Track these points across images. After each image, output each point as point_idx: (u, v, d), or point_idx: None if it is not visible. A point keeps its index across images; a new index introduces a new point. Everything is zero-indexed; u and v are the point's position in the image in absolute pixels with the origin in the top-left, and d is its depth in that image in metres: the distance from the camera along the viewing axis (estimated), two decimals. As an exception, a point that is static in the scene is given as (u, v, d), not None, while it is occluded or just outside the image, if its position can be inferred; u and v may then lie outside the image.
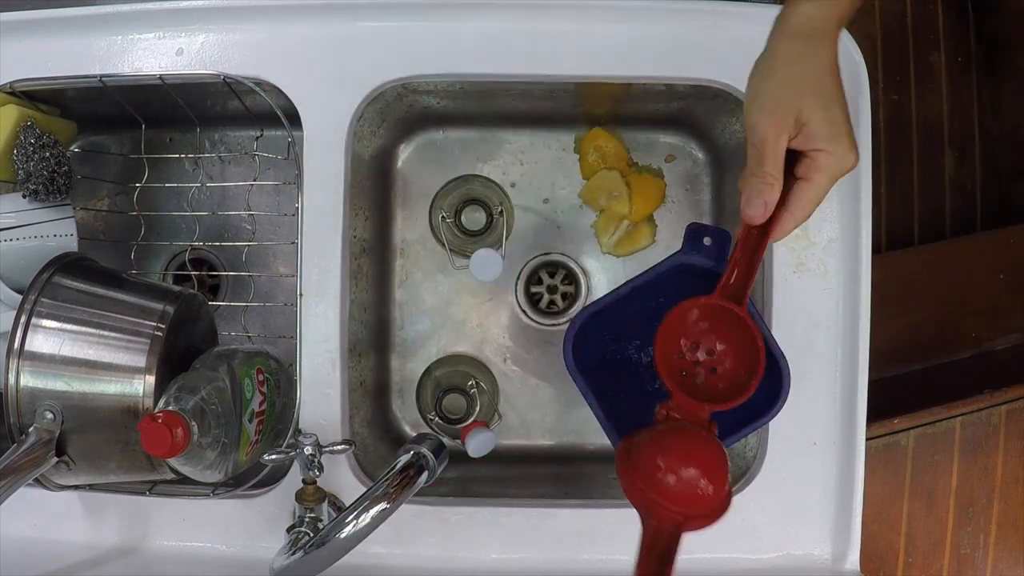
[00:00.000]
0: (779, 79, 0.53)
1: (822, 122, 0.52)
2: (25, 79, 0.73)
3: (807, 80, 0.53)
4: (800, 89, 0.53)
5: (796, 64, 0.53)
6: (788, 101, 0.52)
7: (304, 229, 0.72)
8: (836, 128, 0.53)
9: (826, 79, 0.53)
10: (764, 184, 0.54)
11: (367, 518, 0.58)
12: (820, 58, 0.53)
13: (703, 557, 0.72)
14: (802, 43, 0.53)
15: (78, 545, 0.73)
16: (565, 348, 0.65)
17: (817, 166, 0.54)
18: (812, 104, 0.52)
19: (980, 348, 1.32)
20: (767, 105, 0.53)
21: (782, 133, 0.53)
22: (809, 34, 0.53)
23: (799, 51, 0.53)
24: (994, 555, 1.17)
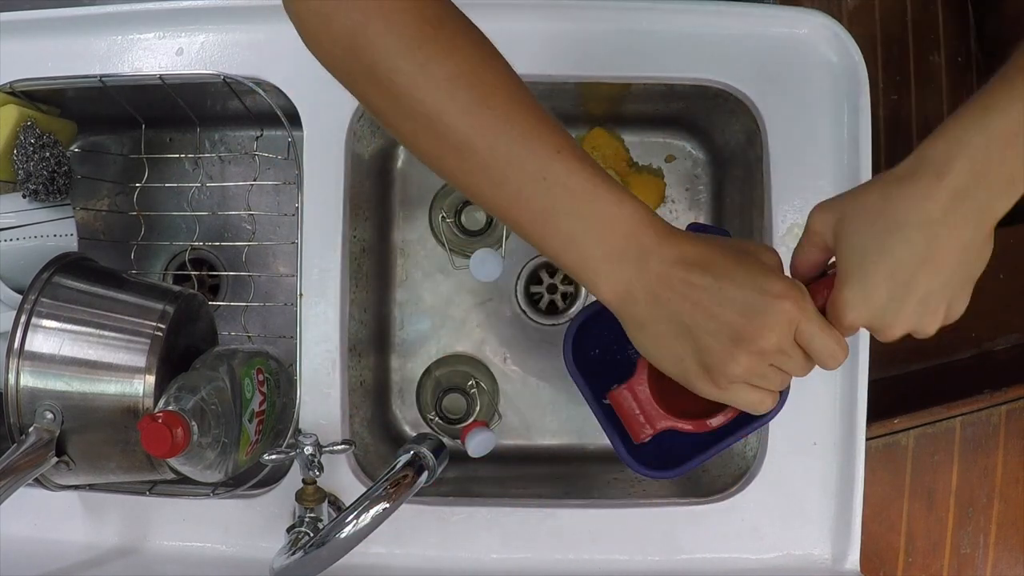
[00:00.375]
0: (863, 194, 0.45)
1: (845, 254, 0.44)
2: (25, 79, 0.73)
3: (867, 207, 0.44)
4: (852, 207, 0.45)
5: (876, 188, 0.44)
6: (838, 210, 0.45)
7: (304, 229, 0.72)
8: (851, 271, 0.44)
9: (891, 223, 0.43)
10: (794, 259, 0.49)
11: (367, 518, 0.58)
12: (904, 199, 0.42)
13: (703, 557, 0.72)
14: (903, 179, 0.43)
15: (78, 545, 0.73)
16: (565, 348, 0.65)
17: (832, 299, 0.46)
18: (851, 228, 0.44)
19: (980, 348, 1.31)
20: (829, 203, 0.46)
21: (817, 234, 0.46)
22: (911, 167, 0.44)
23: (890, 180, 0.44)
24: (994, 555, 1.17)
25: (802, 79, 0.72)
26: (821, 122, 0.72)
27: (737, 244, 0.47)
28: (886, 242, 0.43)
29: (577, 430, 0.89)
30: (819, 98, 0.72)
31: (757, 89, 0.72)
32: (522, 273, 0.89)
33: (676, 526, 0.72)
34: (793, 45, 0.72)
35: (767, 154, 0.71)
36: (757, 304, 0.43)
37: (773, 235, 0.71)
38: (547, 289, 0.90)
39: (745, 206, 0.80)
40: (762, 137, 0.72)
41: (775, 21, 0.72)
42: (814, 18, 0.71)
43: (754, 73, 0.72)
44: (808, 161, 0.72)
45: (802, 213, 0.72)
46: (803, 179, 0.72)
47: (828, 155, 0.72)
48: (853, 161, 0.71)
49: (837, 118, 0.72)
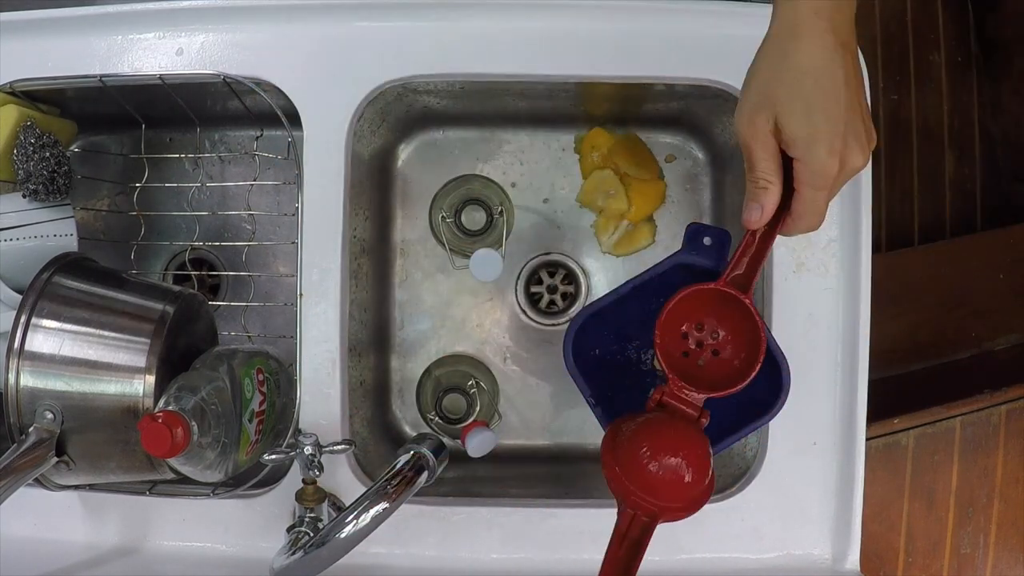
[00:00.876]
0: (759, 81, 0.52)
1: (795, 128, 0.50)
2: (25, 79, 0.73)
3: (784, 83, 0.50)
4: (776, 92, 0.50)
5: (776, 64, 0.51)
6: (765, 105, 0.51)
7: (304, 229, 0.72)
8: (810, 136, 0.50)
9: (807, 80, 0.49)
10: (757, 188, 0.53)
11: (367, 518, 0.58)
12: (803, 57, 0.49)
13: (703, 557, 0.72)
14: (785, 40, 0.50)
15: (78, 545, 0.73)
16: (565, 348, 0.65)
17: (797, 175, 0.52)
18: (787, 109, 0.50)
19: (980, 348, 1.31)
20: (746, 110, 0.52)
21: (758, 138, 0.51)
22: (791, 30, 0.50)
23: (780, 49, 0.51)
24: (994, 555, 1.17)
25: (802, 79, 0.72)
26: (821, 122, 0.72)
27: None
28: (816, 96, 0.50)
29: (577, 430, 0.89)
30: (819, 98, 0.72)
31: (757, 89, 0.72)
32: (522, 273, 0.89)
33: (676, 526, 0.71)
34: (793, 45, 0.72)
35: (767, 154, 0.71)
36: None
37: (773, 235, 0.71)
38: (547, 289, 0.90)
39: (745, 206, 0.80)
40: (762, 137, 0.71)
41: (775, 21, 0.72)
42: (814, 18, 0.71)
43: (754, 73, 0.72)
44: (808, 161, 0.71)
45: (802, 213, 0.72)
46: (803, 179, 0.71)
47: (828, 155, 0.72)
48: (853, 161, 0.71)
49: (837, 118, 0.72)
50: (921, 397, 1.18)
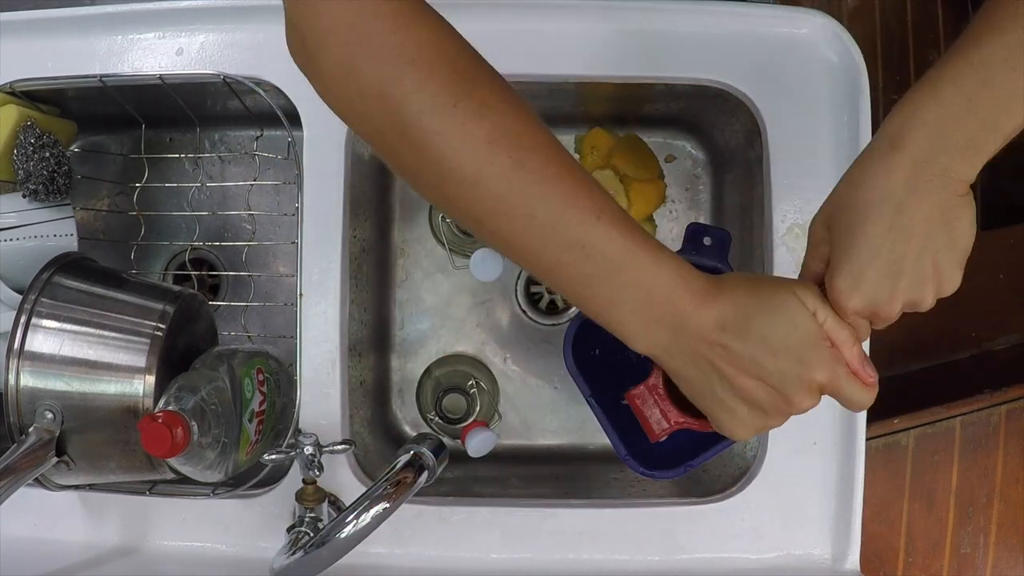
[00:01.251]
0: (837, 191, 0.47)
1: (833, 249, 0.46)
2: (25, 79, 0.73)
3: (848, 197, 0.46)
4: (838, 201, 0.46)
5: (852, 181, 0.46)
6: (826, 218, 0.47)
7: (304, 229, 0.72)
8: (838, 261, 0.46)
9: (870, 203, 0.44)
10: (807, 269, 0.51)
11: (367, 518, 0.58)
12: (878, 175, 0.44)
13: (703, 557, 0.72)
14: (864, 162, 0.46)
15: (78, 545, 0.73)
16: (565, 348, 0.65)
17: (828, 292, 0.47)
18: (838, 223, 0.46)
19: (980, 348, 1.31)
20: (819, 211, 0.48)
21: (819, 243, 0.48)
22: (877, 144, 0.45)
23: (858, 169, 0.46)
24: (994, 555, 1.17)
25: (802, 79, 0.72)
26: (821, 122, 0.72)
27: (773, 289, 0.46)
28: (861, 223, 0.45)
29: (577, 430, 0.89)
30: (819, 98, 0.72)
31: (757, 89, 0.72)
32: (522, 273, 0.89)
33: (676, 526, 0.72)
34: (793, 45, 0.72)
35: (767, 154, 0.71)
36: (793, 376, 0.45)
37: (773, 235, 0.71)
38: (547, 289, 0.90)
39: (745, 206, 0.80)
40: (762, 137, 0.72)
41: (775, 21, 0.72)
42: (814, 18, 0.71)
43: (754, 73, 0.72)
44: (808, 161, 0.72)
45: (802, 213, 0.72)
46: (803, 179, 0.72)
47: (828, 155, 0.72)
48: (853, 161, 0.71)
49: (837, 118, 0.72)
50: (921, 397, 1.18)
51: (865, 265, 0.45)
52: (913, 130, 0.43)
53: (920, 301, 0.46)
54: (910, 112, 0.44)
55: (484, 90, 0.43)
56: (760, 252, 0.74)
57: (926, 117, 0.43)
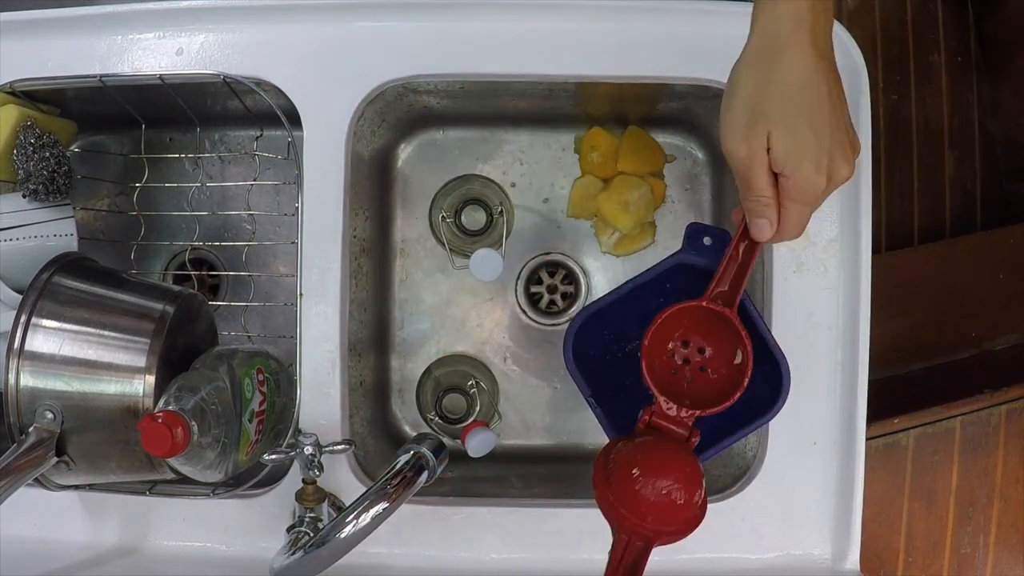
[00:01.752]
0: (747, 96, 0.51)
1: (784, 145, 0.50)
2: (25, 79, 0.73)
3: (773, 99, 0.50)
4: (765, 110, 0.50)
5: (763, 79, 0.50)
6: (758, 122, 0.50)
7: (304, 229, 0.72)
8: (799, 151, 0.50)
9: (795, 95, 0.49)
10: (759, 206, 0.53)
11: (367, 518, 0.58)
12: (789, 71, 0.49)
13: (703, 557, 0.72)
14: (769, 53, 0.50)
15: (78, 545, 0.73)
16: (565, 348, 0.65)
17: (783, 191, 0.52)
18: (777, 126, 0.50)
19: (980, 348, 1.31)
20: (739, 126, 0.51)
21: (756, 157, 0.51)
22: (774, 43, 0.50)
23: (765, 63, 0.50)
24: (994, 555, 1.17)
25: (802, 79, 0.72)
26: (821, 122, 0.72)
27: None
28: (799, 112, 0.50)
29: (577, 430, 0.89)
30: (819, 98, 0.72)
31: (757, 89, 0.72)
32: (522, 273, 0.89)
33: (676, 526, 0.72)
34: (793, 45, 0.72)
35: (767, 154, 0.71)
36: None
37: (773, 235, 0.71)
38: (547, 289, 0.90)
39: (745, 206, 0.80)
40: (762, 137, 0.71)
41: (775, 21, 0.72)
42: (814, 18, 0.71)
43: (754, 73, 0.72)
44: (808, 161, 0.71)
45: (802, 213, 0.72)
46: (803, 179, 0.71)
47: (828, 155, 0.72)
48: (853, 161, 0.71)
49: (837, 118, 0.72)
50: (921, 397, 1.18)
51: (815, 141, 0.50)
52: (803, 14, 0.49)
53: (849, 159, 0.52)
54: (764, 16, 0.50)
55: None
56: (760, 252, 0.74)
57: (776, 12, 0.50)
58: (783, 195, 0.52)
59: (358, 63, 0.72)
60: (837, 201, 0.72)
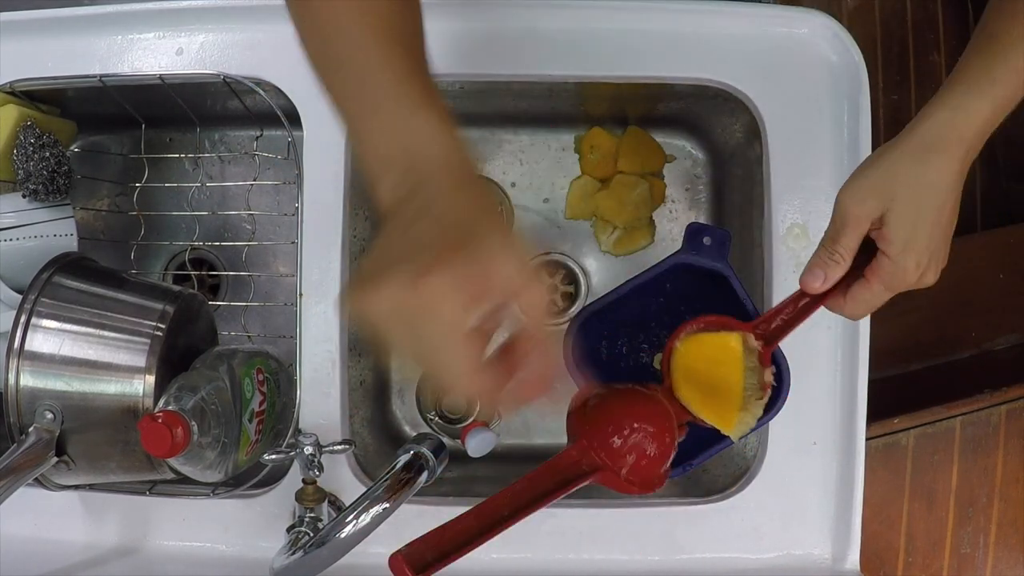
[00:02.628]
0: (886, 171, 0.52)
1: (901, 229, 0.51)
2: (25, 79, 0.73)
3: (909, 186, 0.51)
4: (897, 190, 0.51)
5: (908, 166, 0.51)
6: (882, 196, 0.51)
7: (304, 229, 0.72)
8: (912, 242, 0.51)
9: (930, 194, 0.51)
10: (831, 261, 0.53)
11: (367, 518, 0.58)
12: (935, 174, 0.50)
13: (703, 557, 0.72)
14: (926, 150, 0.51)
15: (78, 545, 0.73)
16: (565, 348, 0.65)
17: (877, 268, 0.53)
18: (903, 210, 0.51)
19: (980, 348, 1.31)
20: (861, 188, 0.52)
21: (861, 219, 0.52)
22: (935, 143, 0.50)
23: (918, 155, 0.51)
24: (994, 555, 1.17)
25: (802, 79, 0.72)
26: (821, 122, 0.72)
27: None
28: (936, 209, 0.51)
29: (577, 430, 0.89)
30: (819, 98, 0.72)
31: (757, 89, 0.72)
32: (522, 273, 0.89)
33: (676, 526, 0.72)
34: (793, 45, 0.72)
35: (767, 154, 0.71)
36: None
37: (773, 234, 0.71)
38: (547, 289, 0.90)
39: (745, 206, 0.80)
40: (762, 137, 0.72)
41: (775, 21, 0.72)
42: (814, 18, 0.71)
43: (754, 73, 0.72)
44: (808, 161, 0.72)
45: (802, 213, 0.72)
46: (803, 179, 0.72)
47: (828, 155, 0.72)
48: (853, 161, 0.71)
49: (837, 118, 0.72)
50: (921, 397, 1.18)
51: (927, 243, 0.51)
52: (973, 127, 0.50)
53: (931, 279, 0.53)
54: (974, 110, 0.50)
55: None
56: (760, 252, 0.74)
57: (982, 113, 0.50)
58: (872, 270, 0.53)
59: (358, 63, 0.72)
60: (837, 201, 0.72)
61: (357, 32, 0.43)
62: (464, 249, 0.36)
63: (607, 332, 0.69)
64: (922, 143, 0.51)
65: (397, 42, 0.44)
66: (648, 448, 0.51)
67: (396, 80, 0.42)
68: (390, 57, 0.43)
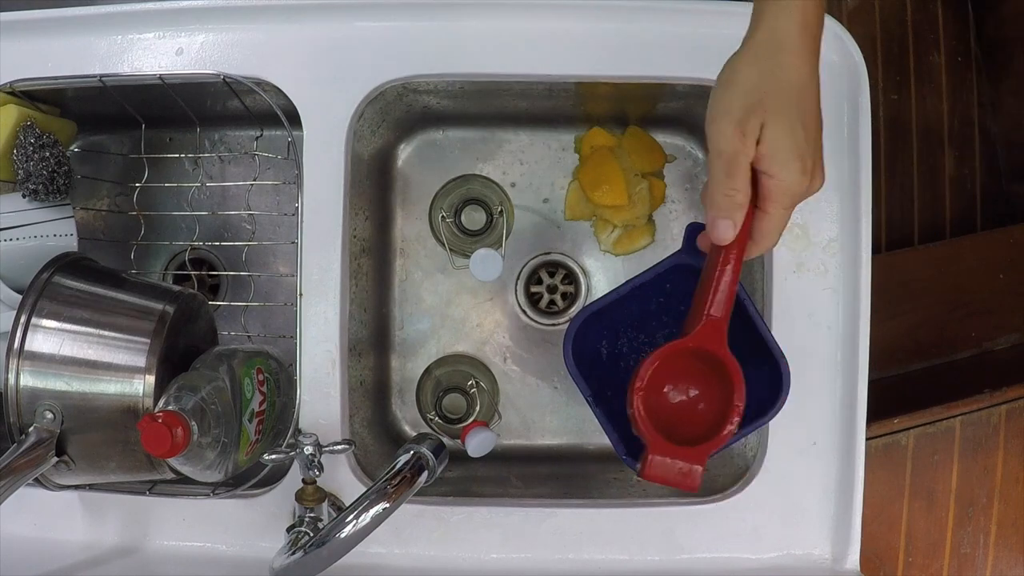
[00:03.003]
0: (747, 86, 0.49)
1: (779, 141, 0.48)
2: (25, 79, 0.73)
3: (773, 94, 0.48)
4: (765, 102, 0.48)
5: (766, 73, 0.49)
6: (756, 111, 0.48)
7: (304, 229, 0.72)
8: (791, 151, 0.48)
9: (795, 94, 0.49)
10: (732, 202, 0.50)
11: (367, 518, 0.58)
12: (792, 71, 0.49)
13: (703, 557, 0.72)
14: (774, 50, 0.49)
15: (78, 545, 0.73)
16: (565, 348, 0.65)
17: (766, 193, 0.50)
18: (775, 120, 0.48)
19: (980, 348, 1.32)
20: (733, 111, 0.49)
21: (748, 143, 0.48)
22: (780, 41, 0.49)
23: (769, 58, 0.49)
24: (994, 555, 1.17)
25: (802, 79, 0.72)
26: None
27: None
28: (799, 112, 0.49)
29: (577, 430, 0.89)
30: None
31: (757, 89, 0.72)
32: (522, 273, 0.89)
33: (676, 526, 0.72)
34: (793, 45, 0.72)
35: (767, 154, 0.71)
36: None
37: (773, 235, 0.71)
38: (547, 289, 0.90)
39: (745, 206, 0.80)
40: (762, 137, 0.71)
41: (775, 21, 0.72)
42: (814, 18, 0.71)
43: (754, 73, 0.72)
44: (808, 161, 0.72)
45: (802, 213, 0.72)
46: (803, 179, 0.71)
47: (828, 155, 0.70)
48: (853, 160, 0.71)
49: (837, 118, 0.72)
50: (921, 397, 1.18)
51: (807, 145, 0.49)
52: (811, 16, 0.49)
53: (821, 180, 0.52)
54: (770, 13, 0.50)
55: None
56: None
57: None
58: (765, 198, 0.50)
59: (358, 63, 0.72)
60: (837, 201, 0.72)
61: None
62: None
63: (607, 332, 0.69)
64: (766, 44, 0.50)
65: None
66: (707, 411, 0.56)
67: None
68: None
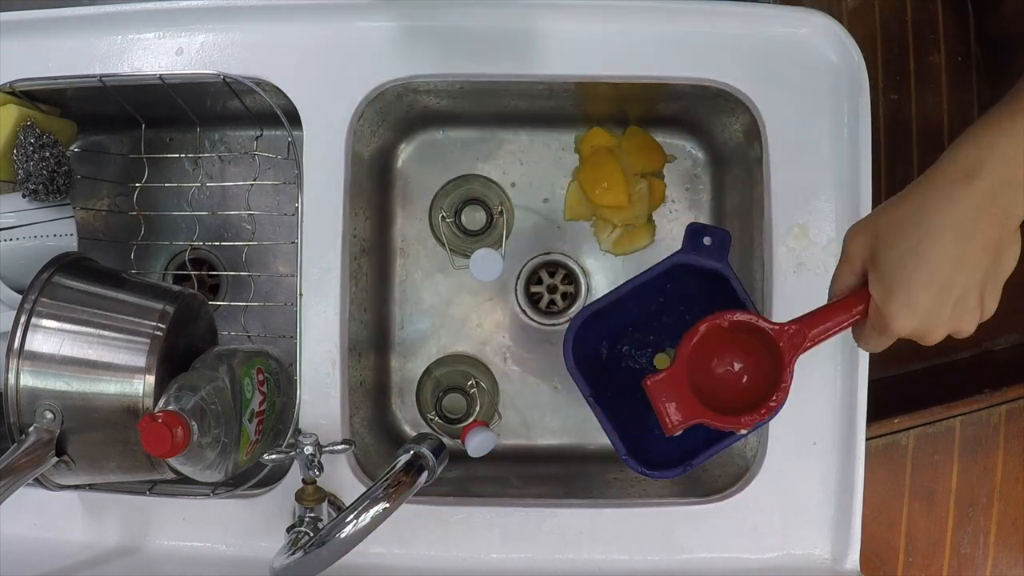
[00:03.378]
0: (884, 207, 0.49)
1: (885, 269, 0.47)
2: (25, 79, 0.73)
3: (899, 224, 0.47)
4: (882, 229, 0.48)
5: (906, 202, 0.47)
6: (871, 232, 0.48)
7: (304, 229, 0.72)
8: (900, 285, 0.47)
9: (922, 233, 0.46)
10: (831, 294, 0.53)
11: (367, 518, 0.58)
12: (936, 210, 0.45)
13: (703, 557, 0.72)
14: (932, 186, 0.46)
15: (78, 545, 0.73)
16: (565, 348, 0.65)
17: (869, 311, 0.51)
18: (885, 249, 0.47)
19: (980, 348, 1.31)
20: (859, 226, 0.50)
21: (854, 259, 0.50)
22: (946, 180, 0.45)
23: (924, 192, 0.46)
24: (994, 555, 1.17)
25: (802, 79, 0.72)
26: (821, 122, 0.72)
27: None
28: (922, 248, 0.46)
29: (577, 430, 0.89)
30: (819, 98, 0.72)
31: (757, 89, 0.72)
32: (522, 273, 0.89)
33: (676, 526, 0.72)
34: (793, 45, 0.72)
35: (767, 154, 0.71)
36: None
37: (773, 235, 0.71)
38: (547, 289, 0.90)
39: (745, 206, 0.80)
40: (762, 137, 0.72)
41: (775, 21, 0.72)
42: (814, 18, 0.71)
43: (754, 73, 0.72)
44: (808, 161, 0.72)
45: (802, 213, 0.72)
46: (803, 179, 0.72)
47: (828, 155, 0.72)
48: (853, 161, 0.71)
49: (837, 118, 0.72)
50: (921, 397, 1.18)
51: (922, 290, 0.46)
52: (989, 162, 0.44)
53: (964, 329, 0.48)
54: (987, 143, 0.44)
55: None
56: (760, 252, 0.74)
57: (1005, 151, 0.43)
58: (867, 313, 0.51)
59: (358, 63, 0.72)
60: (837, 201, 0.72)
61: None
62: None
63: (607, 332, 0.69)
64: (938, 179, 0.46)
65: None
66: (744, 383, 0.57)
67: None
68: None
